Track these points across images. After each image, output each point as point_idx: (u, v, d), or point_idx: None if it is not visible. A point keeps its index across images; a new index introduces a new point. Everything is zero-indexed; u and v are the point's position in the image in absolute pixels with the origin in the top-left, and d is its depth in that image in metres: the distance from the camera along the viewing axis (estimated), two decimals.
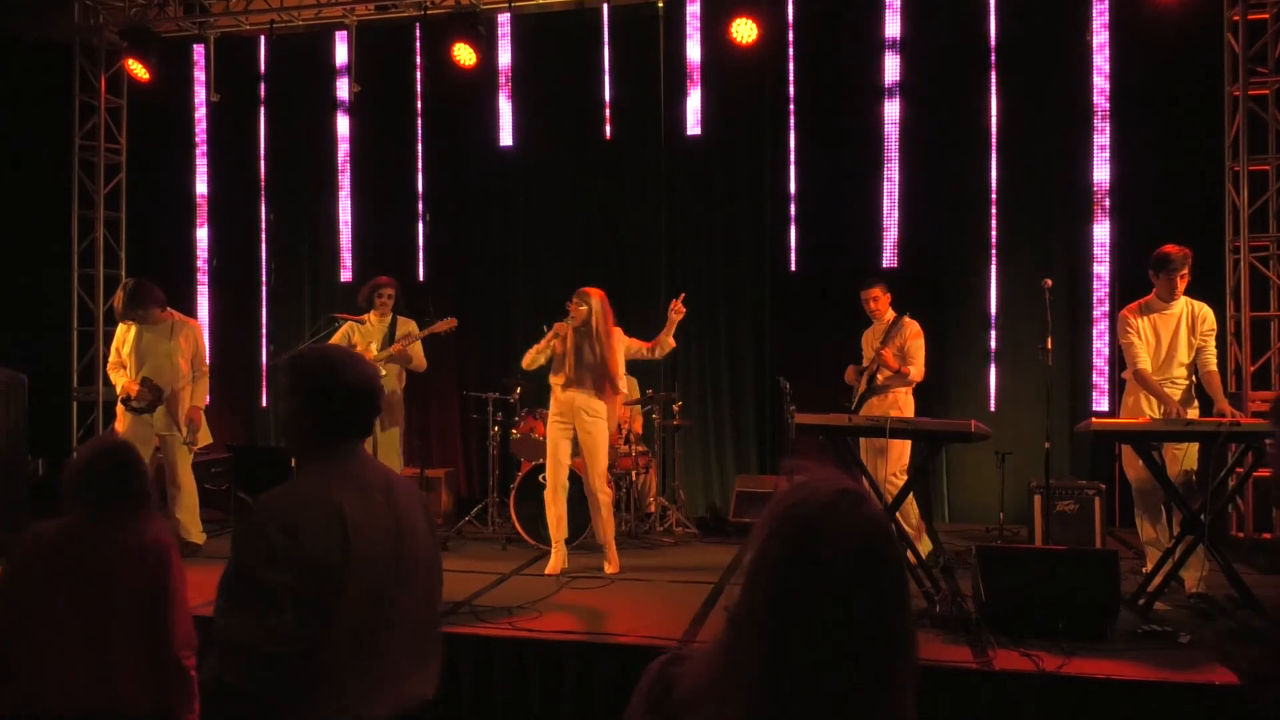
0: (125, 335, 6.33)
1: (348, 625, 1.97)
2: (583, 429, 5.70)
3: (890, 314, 6.16)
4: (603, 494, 5.70)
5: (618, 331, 5.82)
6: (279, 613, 1.89)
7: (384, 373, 6.39)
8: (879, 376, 6.00)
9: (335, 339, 6.52)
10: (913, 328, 6.04)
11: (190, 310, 7.07)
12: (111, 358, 6.45)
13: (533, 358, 5.80)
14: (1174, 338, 5.15)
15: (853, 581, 1.24)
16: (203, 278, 9.07)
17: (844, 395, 6.44)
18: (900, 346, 5.99)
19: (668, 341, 5.87)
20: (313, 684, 1.96)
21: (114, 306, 6.53)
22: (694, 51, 7.97)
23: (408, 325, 6.60)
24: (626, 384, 5.88)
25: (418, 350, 6.58)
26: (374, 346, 6.47)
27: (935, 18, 7.59)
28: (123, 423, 6.23)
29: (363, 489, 2.08)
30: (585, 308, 5.68)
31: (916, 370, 5.99)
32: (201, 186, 9.12)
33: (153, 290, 6.18)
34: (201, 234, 9.11)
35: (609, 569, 5.64)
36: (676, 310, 5.79)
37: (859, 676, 1.24)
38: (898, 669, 1.27)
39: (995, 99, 7.47)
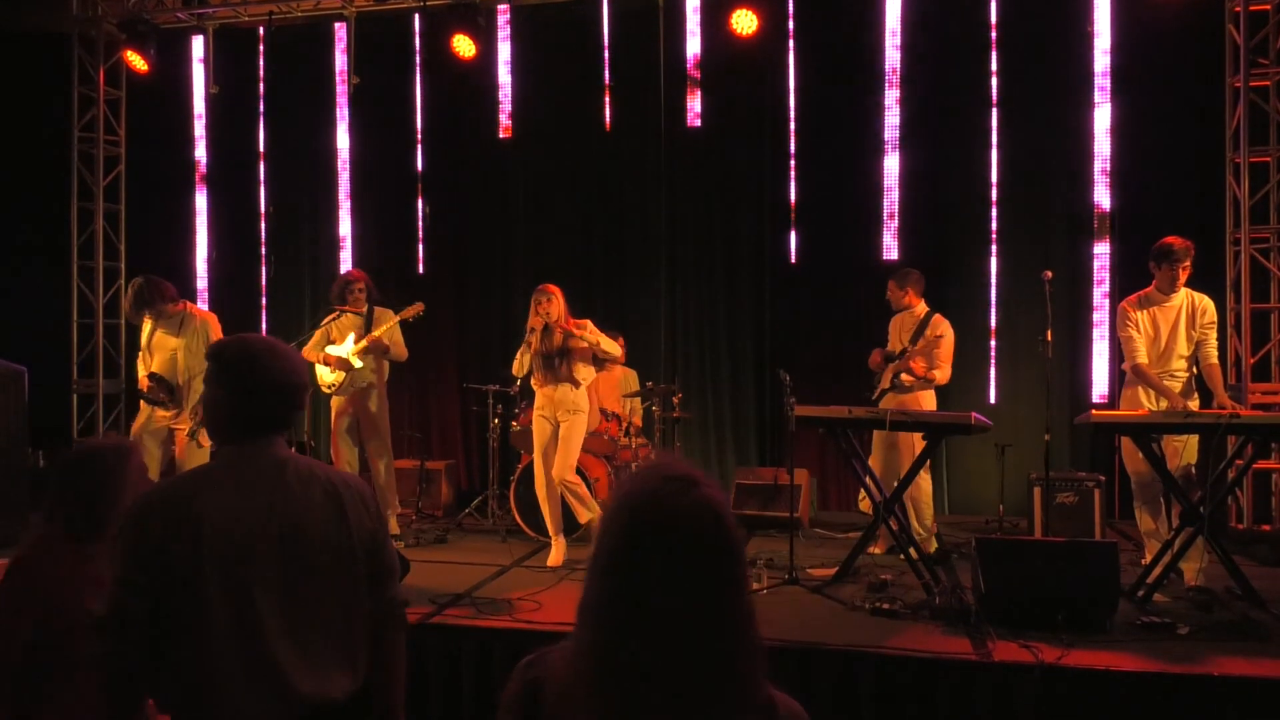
0: (146, 327, 6.37)
1: (209, 621, 1.96)
2: (564, 423, 5.71)
3: (921, 306, 6.11)
4: (572, 483, 5.71)
5: (589, 323, 5.83)
6: (123, 600, 1.95)
7: (359, 364, 6.40)
8: (904, 377, 5.94)
9: (318, 335, 6.50)
10: (944, 327, 5.95)
11: (176, 295, 7.00)
12: (142, 349, 6.47)
13: (521, 362, 5.83)
14: (1173, 330, 5.14)
15: (677, 568, 1.24)
16: (202, 270, 9.06)
17: (847, 386, 6.44)
18: (929, 346, 5.90)
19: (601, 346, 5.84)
20: (175, 679, 1.98)
21: (126, 309, 6.49)
22: (694, 43, 7.95)
23: (385, 315, 6.58)
24: (589, 377, 5.88)
25: (397, 341, 6.54)
26: (351, 338, 6.46)
27: (936, 7, 7.57)
28: (141, 415, 6.26)
29: (244, 486, 2.05)
30: (552, 303, 5.69)
31: (943, 374, 5.94)
32: (200, 178, 9.11)
33: (160, 286, 6.16)
34: (200, 226, 9.10)
35: (551, 561, 5.67)
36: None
37: (694, 665, 1.23)
38: (736, 654, 1.26)
39: (996, 90, 7.46)
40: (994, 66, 7.46)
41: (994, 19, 7.46)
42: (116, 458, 2.70)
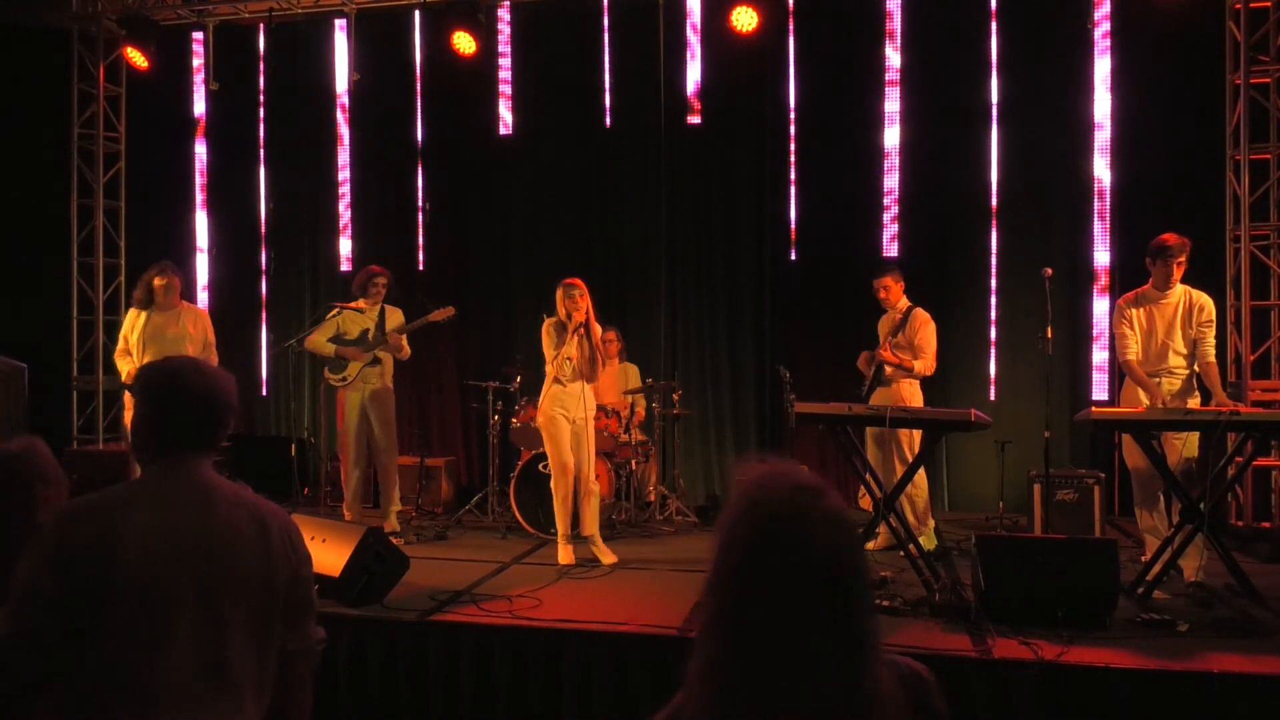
0: (135, 322, 6.38)
1: (117, 646, 1.90)
2: (585, 421, 5.72)
3: (904, 303, 6.14)
4: (595, 485, 5.74)
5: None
6: (24, 615, 1.86)
7: (368, 359, 6.44)
8: (886, 369, 5.98)
9: (324, 327, 6.52)
10: (922, 319, 6.02)
11: (189, 298, 7.06)
12: (119, 345, 6.48)
13: (562, 357, 5.63)
14: (1170, 328, 5.14)
15: (811, 578, 1.22)
16: (202, 266, 9.06)
17: (847, 383, 6.45)
18: (910, 340, 5.97)
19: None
20: (80, 704, 1.90)
21: (136, 296, 6.49)
22: (694, 40, 7.94)
23: (396, 315, 6.61)
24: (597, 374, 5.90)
25: (404, 339, 6.59)
26: (369, 336, 6.48)
27: (936, 6, 7.56)
28: (131, 410, 6.25)
29: (165, 504, 2.00)
30: (586, 299, 5.67)
31: (924, 364, 5.97)
32: (200, 175, 9.11)
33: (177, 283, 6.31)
34: (201, 222, 9.10)
35: (607, 559, 5.64)
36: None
37: (819, 687, 1.21)
38: (859, 665, 1.24)
39: (996, 85, 7.45)
40: (994, 64, 7.45)
41: (993, 18, 7.45)
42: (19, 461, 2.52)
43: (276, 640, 2.10)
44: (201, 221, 9.10)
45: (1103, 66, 7.28)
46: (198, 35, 8.77)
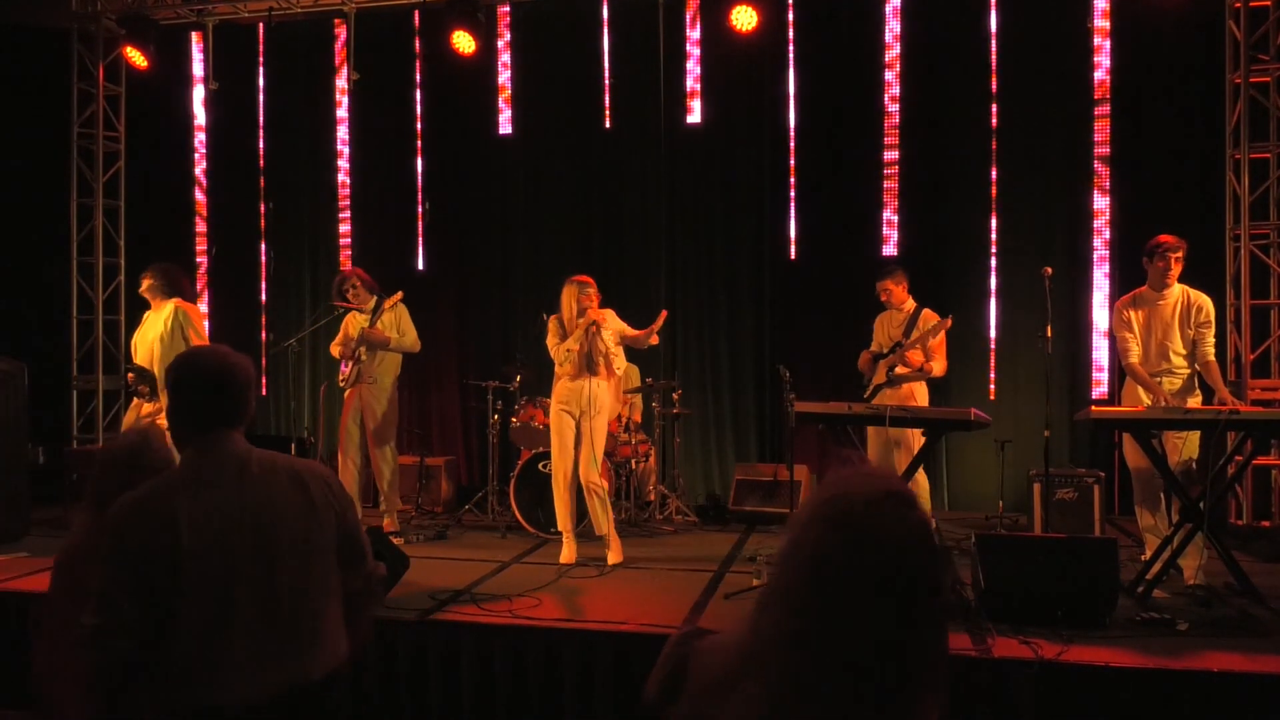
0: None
1: (192, 616, 2.06)
2: (588, 420, 5.66)
3: (910, 303, 6.13)
4: (601, 484, 5.69)
5: (610, 312, 5.79)
6: (112, 607, 2.00)
7: (365, 358, 6.41)
8: (899, 369, 5.96)
9: (343, 329, 6.53)
10: (933, 319, 6.00)
11: (190, 298, 7.03)
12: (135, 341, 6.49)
13: (560, 353, 5.67)
14: (1168, 327, 5.14)
15: (890, 581, 1.20)
16: (202, 266, 9.06)
17: (846, 382, 6.45)
18: (922, 341, 5.94)
19: (650, 339, 5.82)
20: (163, 674, 2.06)
21: (141, 292, 6.38)
22: (694, 40, 7.94)
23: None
24: (623, 366, 5.84)
25: (406, 329, 6.53)
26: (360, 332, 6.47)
27: (936, 6, 7.56)
28: (132, 410, 6.26)
29: (209, 483, 2.16)
30: (594, 295, 5.66)
31: (939, 366, 5.97)
32: (200, 174, 9.11)
33: (182, 282, 6.29)
34: (201, 222, 9.10)
35: (613, 558, 5.62)
36: (662, 318, 5.74)
37: (886, 676, 1.20)
38: (926, 679, 1.22)
39: (996, 86, 7.45)
40: (994, 64, 7.45)
41: (993, 14, 7.45)
42: (143, 447, 2.84)
43: (337, 587, 2.28)
44: (201, 221, 9.09)
45: (1102, 66, 7.27)
46: (197, 34, 8.76)
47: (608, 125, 8.10)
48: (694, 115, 7.98)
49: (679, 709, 1.31)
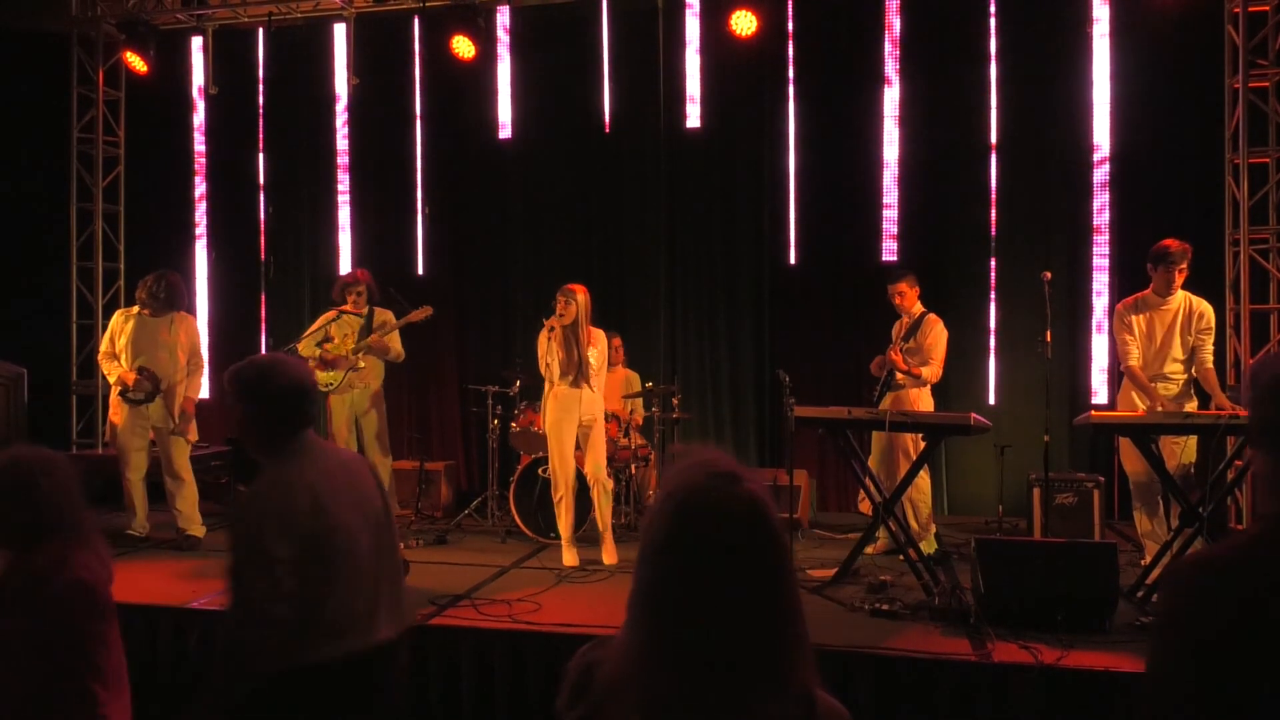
0: (122, 326, 6.28)
1: (317, 583, 2.39)
2: (587, 422, 5.74)
3: (918, 309, 6.12)
4: (609, 482, 5.76)
5: (599, 333, 5.85)
6: (284, 581, 2.31)
7: (362, 365, 6.43)
8: (897, 375, 5.97)
9: (314, 334, 6.49)
10: (935, 326, 5.99)
11: (189, 303, 7.04)
12: (103, 347, 6.38)
13: (543, 363, 5.78)
14: (1169, 333, 5.14)
15: (725, 564, 1.26)
16: (202, 270, 9.06)
17: (846, 386, 6.45)
18: (920, 345, 5.94)
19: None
20: (298, 634, 2.37)
21: (139, 296, 6.30)
22: (693, 44, 7.95)
23: (385, 316, 6.60)
24: (602, 383, 5.88)
25: (395, 341, 6.57)
26: (350, 340, 6.47)
27: (936, 9, 7.57)
28: (119, 414, 6.21)
29: (325, 469, 2.52)
30: (573, 305, 5.69)
31: (931, 371, 5.94)
32: (200, 179, 9.10)
33: (182, 291, 6.31)
34: (200, 227, 9.10)
35: (610, 559, 5.65)
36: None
37: (738, 656, 1.25)
38: (779, 646, 1.28)
39: (995, 92, 7.44)
40: (993, 67, 7.45)
41: (992, 21, 7.45)
42: (38, 465, 2.54)
43: (401, 559, 2.77)
44: (200, 226, 9.09)
45: (1102, 69, 7.28)
46: (197, 39, 8.76)
47: (607, 129, 8.10)
48: (693, 120, 7.98)
49: (577, 711, 1.37)
